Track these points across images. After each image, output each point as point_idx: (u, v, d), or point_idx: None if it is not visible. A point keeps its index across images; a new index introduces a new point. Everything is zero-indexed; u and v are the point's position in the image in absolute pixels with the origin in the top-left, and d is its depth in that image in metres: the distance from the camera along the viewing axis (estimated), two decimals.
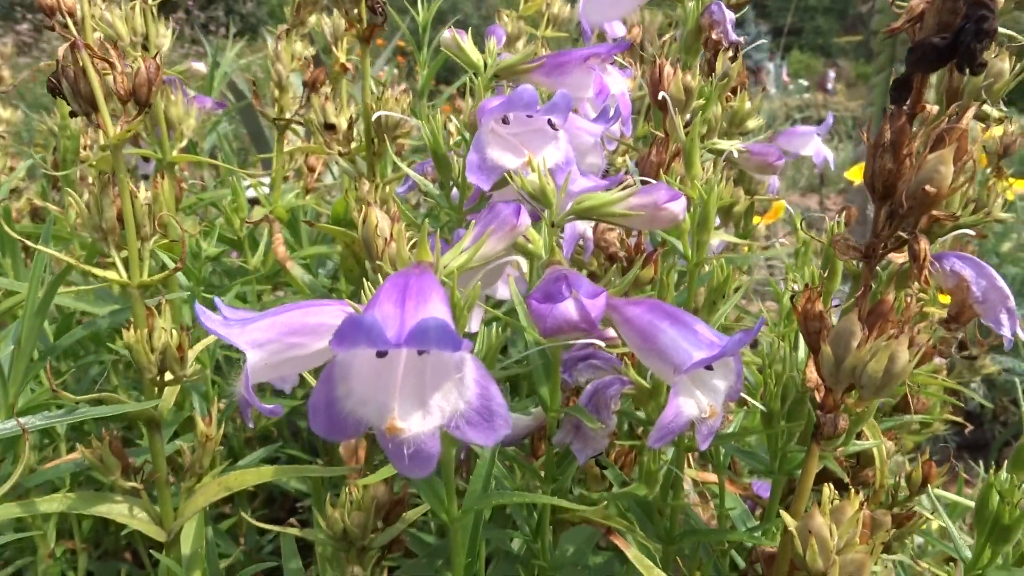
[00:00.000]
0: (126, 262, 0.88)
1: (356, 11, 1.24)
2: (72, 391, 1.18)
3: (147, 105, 0.87)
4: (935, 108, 0.52)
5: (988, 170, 1.60)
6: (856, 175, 4.17)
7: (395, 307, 0.47)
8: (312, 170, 2.26)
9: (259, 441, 1.67)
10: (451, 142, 1.92)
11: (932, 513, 0.88)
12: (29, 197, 1.37)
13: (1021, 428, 2.85)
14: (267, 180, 2.05)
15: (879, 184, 0.54)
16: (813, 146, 1.55)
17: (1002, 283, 0.64)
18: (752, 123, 1.14)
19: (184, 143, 1.35)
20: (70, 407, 0.78)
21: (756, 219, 1.91)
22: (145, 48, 1.29)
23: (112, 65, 0.85)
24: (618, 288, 0.66)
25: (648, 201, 0.63)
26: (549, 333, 0.56)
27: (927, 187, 0.50)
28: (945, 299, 0.76)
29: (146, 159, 1.59)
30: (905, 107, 0.53)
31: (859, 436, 0.89)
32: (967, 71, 0.49)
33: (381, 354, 0.46)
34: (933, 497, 0.84)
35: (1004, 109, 0.77)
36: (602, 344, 0.66)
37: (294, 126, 1.67)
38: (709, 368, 0.60)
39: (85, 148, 1.41)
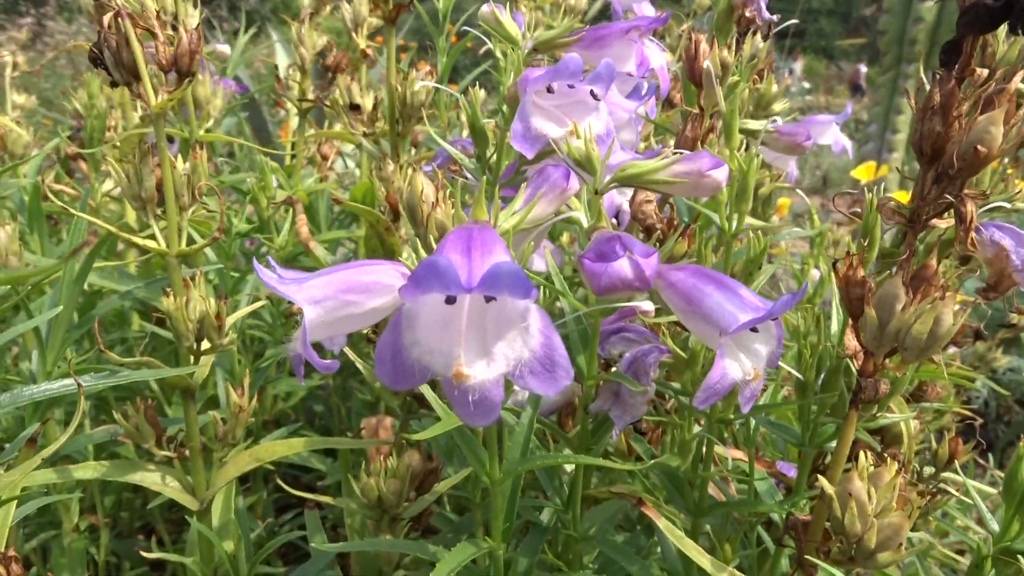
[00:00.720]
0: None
1: None
2: (97, 369, 1.19)
3: (189, 75, 0.88)
4: (984, 71, 0.53)
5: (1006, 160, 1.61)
6: (862, 174, 4.18)
7: (463, 256, 0.48)
8: (325, 158, 2.28)
9: (274, 424, 1.68)
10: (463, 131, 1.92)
11: (958, 490, 0.90)
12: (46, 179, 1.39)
13: None
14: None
15: (927, 147, 0.55)
16: (832, 135, 1.55)
17: None
18: (778, 106, 1.15)
19: (211, 123, 1.36)
20: (114, 369, 0.79)
21: (782, 201, 1.92)
22: (174, 28, 1.29)
23: (154, 35, 0.87)
24: (660, 256, 0.67)
25: (692, 168, 0.64)
26: (604, 291, 0.57)
27: (979, 147, 0.51)
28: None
29: (170, 139, 1.60)
30: (954, 71, 0.54)
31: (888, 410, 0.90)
32: (1020, 31, 0.50)
33: (450, 300, 0.47)
34: (960, 472, 0.85)
35: None
36: (651, 309, 0.68)
37: (309, 117, 1.69)
38: (754, 331, 0.61)
39: (111, 129, 1.42)
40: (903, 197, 2.56)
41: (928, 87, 0.56)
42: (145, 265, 1.48)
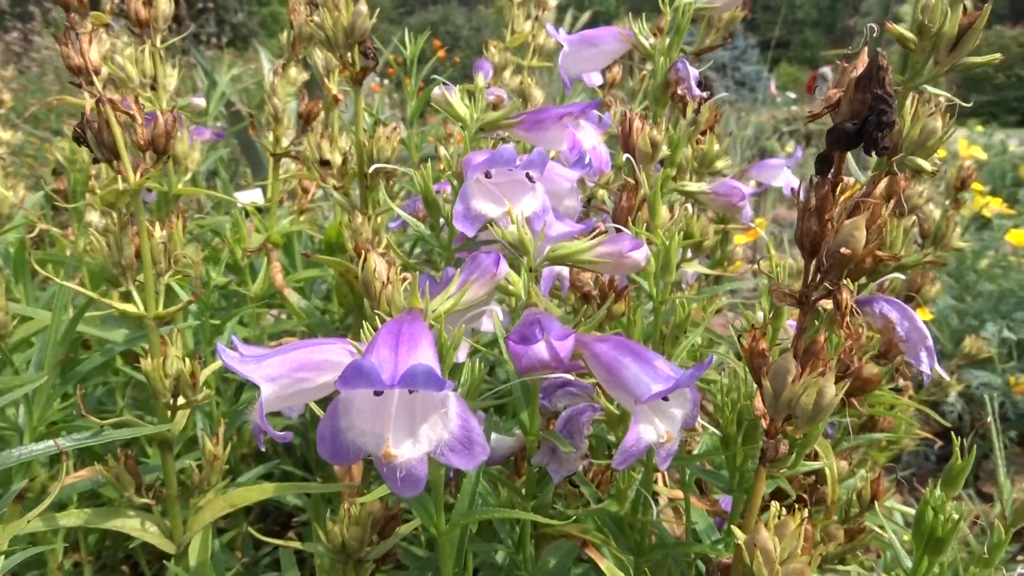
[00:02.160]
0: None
1: (350, 55, 1.32)
2: (83, 420, 1.25)
3: (164, 153, 0.95)
4: (850, 179, 0.61)
5: (947, 201, 1.71)
6: None
7: (390, 351, 0.55)
8: (306, 191, 2.35)
9: (253, 456, 1.74)
10: (440, 168, 2.00)
11: (880, 528, 0.97)
12: (36, 224, 1.45)
13: (993, 441, 2.95)
14: (258, 195, 2.14)
15: (807, 242, 0.63)
16: (784, 178, 1.65)
17: (922, 324, 0.73)
18: (720, 163, 1.23)
19: (188, 176, 1.43)
20: (96, 430, 0.86)
21: (738, 238, 2.01)
22: (153, 88, 1.37)
23: (133, 118, 0.94)
24: (589, 325, 0.74)
25: (614, 250, 0.72)
26: (524, 371, 0.64)
27: (843, 249, 0.59)
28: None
29: (148, 189, 1.67)
30: (828, 177, 0.62)
31: (815, 458, 0.97)
32: (872, 152, 0.58)
33: (378, 393, 0.54)
34: (879, 513, 0.93)
35: (938, 163, 0.86)
36: (571, 377, 0.75)
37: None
38: (666, 399, 0.69)
39: (93, 178, 1.49)
40: None
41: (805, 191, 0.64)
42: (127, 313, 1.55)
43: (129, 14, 1.31)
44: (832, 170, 0.61)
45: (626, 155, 0.86)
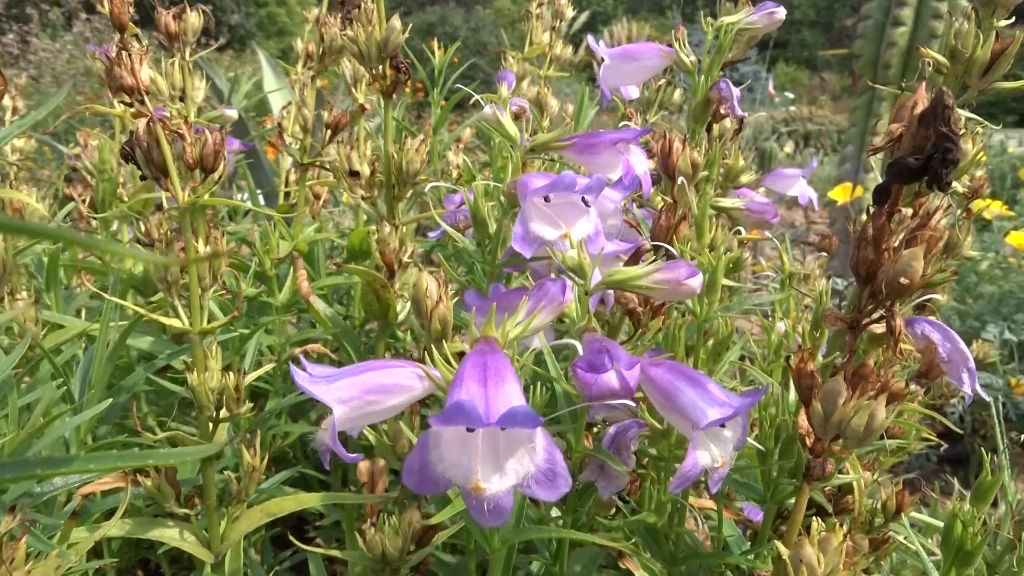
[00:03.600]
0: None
1: (380, 68, 1.34)
2: (123, 432, 1.27)
3: (213, 171, 0.97)
4: (908, 211, 0.63)
5: (959, 212, 1.74)
6: (839, 195, 4.33)
7: (480, 387, 0.57)
8: (317, 197, 2.37)
9: (273, 461, 1.76)
10: (454, 177, 2.01)
11: (905, 538, 1.00)
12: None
13: (997, 443, 3.00)
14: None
15: (862, 270, 0.66)
16: (799, 188, 1.67)
17: (963, 346, 0.76)
18: (745, 178, 1.26)
19: (215, 187, 1.44)
20: (150, 450, 0.88)
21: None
22: (182, 100, 1.38)
23: (182, 136, 0.95)
24: (640, 348, 0.77)
25: (671, 277, 0.74)
26: (593, 398, 0.67)
27: (902, 279, 0.62)
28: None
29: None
30: (885, 208, 0.65)
31: (841, 470, 1.00)
32: (935, 188, 0.60)
33: (470, 429, 0.56)
34: (907, 523, 0.96)
35: (968, 184, 0.88)
36: (634, 406, 0.77)
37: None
38: (722, 425, 0.71)
39: (122, 186, 1.50)
40: None
41: (861, 219, 0.66)
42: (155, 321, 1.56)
43: (159, 27, 1.32)
44: (890, 202, 0.64)
45: (670, 171, 0.89)
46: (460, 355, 0.70)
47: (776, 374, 1.15)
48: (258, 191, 2.33)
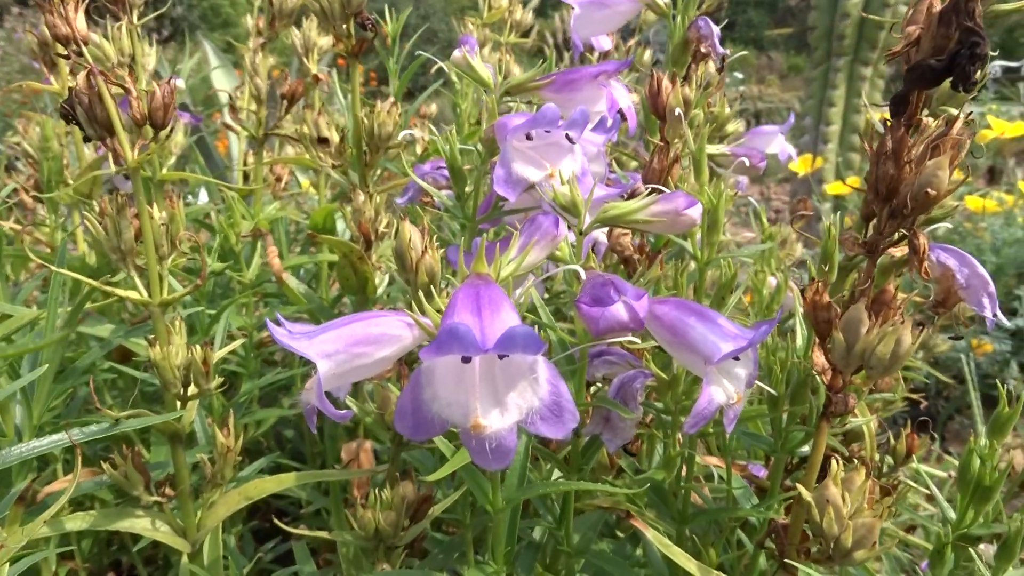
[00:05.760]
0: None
1: (345, 27, 1.26)
2: (79, 418, 1.18)
3: (163, 127, 0.89)
4: (931, 120, 0.59)
5: None
6: (800, 166, 4.33)
7: (474, 317, 0.51)
8: (279, 180, 2.28)
9: (246, 452, 1.68)
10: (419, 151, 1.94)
11: (915, 480, 0.97)
12: (18, 219, 1.36)
13: (962, 403, 3.04)
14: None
15: (883, 187, 0.61)
16: (777, 144, 1.63)
17: (983, 270, 0.72)
18: (731, 127, 1.21)
19: (172, 160, 1.35)
20: (110, 421, 0.80)
21: None
22: (131, 68, 1.29)
23: (127, 90, 0.87)
24: (645, 286, 0.71)
25: (669, 208, 0.69)
26: (601, 333, 0.61)
27: (928, 190, 0.57)
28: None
29: (126, 176, 1.59)
30: (902, 120, 0.60)
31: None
32: (960, 88, 0.56)
33: (466, 359, 0.50)
34: (918, 465, 0.92)
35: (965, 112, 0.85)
36: (638, 341, 0.72)
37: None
38: (736, 359, 0.66)
39: (67, 168, 1.40)
40: (838, 187, 2.70)
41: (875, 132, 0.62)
42: (108, 307, 1.47)
43: None
44: (908, 112, 0.59)
45: (661, 107, 0.83)
46: None
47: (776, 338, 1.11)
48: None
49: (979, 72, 0.55)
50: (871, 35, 4.54)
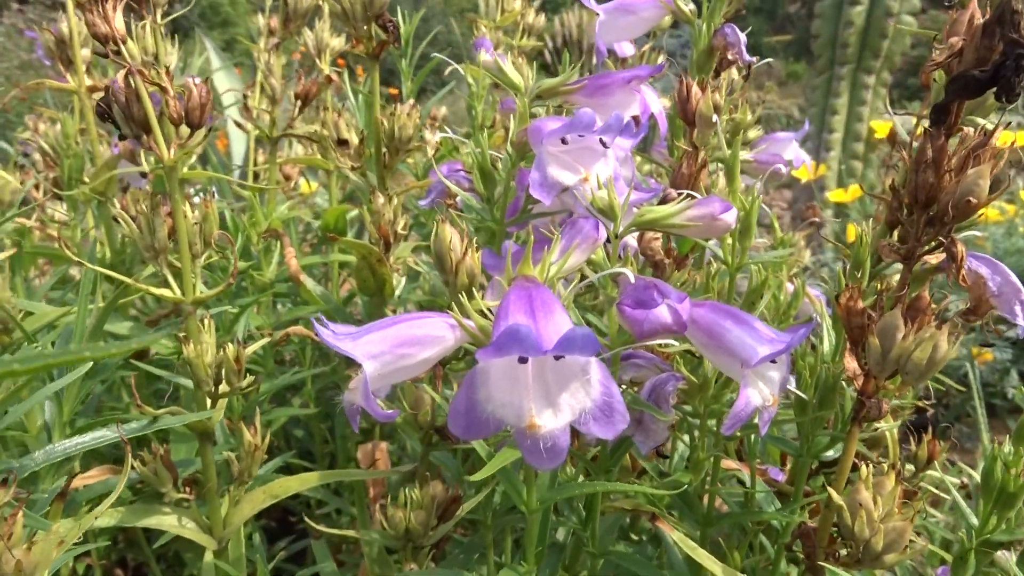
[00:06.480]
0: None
1: (366, 28, 1.27)
2: (103, 417, 1.19)
3: (199, 127, 0.90)
4: (971, 130, 0.60)
5: None
6: (802, 173, 4.36)
7: (528, 318, 0.52)
8: (288, 179, 2.28)
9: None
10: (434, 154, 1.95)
11: (938, 486, 0.98)
12: (40, 217, 1.36)
13: (962, 411, 3.07)
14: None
15: (922, 195, 0.62)
16: (792, 151, 1.64)
17: (1015, 279, 0.73)
18: (752, 133, 1.23)
19: (193, 159, 1.36)
20: (149, 418, 0.81)
21: None
22: (154, 65, 1.29)
23: (164, 90, 0.88)
24: (684, 289, 0.72)
25: (705, 212, 0.70)
26: (645, 336, 0.62)
27: (969, 198, 0.58)
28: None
29: (143, 175, 1.59)
30: (943, 129, 0.61)
31: None
32: (1004, 99, 0.57)
33: (523, 360, 0.51)
34: (939, 470, 0.93)
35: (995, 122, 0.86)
36: (675, 344, 0.73)
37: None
38: (773, 362, 0.67)
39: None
40: (840, 195, 2.71)
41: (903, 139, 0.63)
42: (123, 307, 1.47)
43: None
44: (949, 122, 0.60)
45: (692, 111, 0.84)
46: (489, 311, 0.65)
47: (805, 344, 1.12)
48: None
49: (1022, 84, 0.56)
50: (874, 44, 4.56)
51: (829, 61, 4.74)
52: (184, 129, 0.91)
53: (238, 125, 1.84)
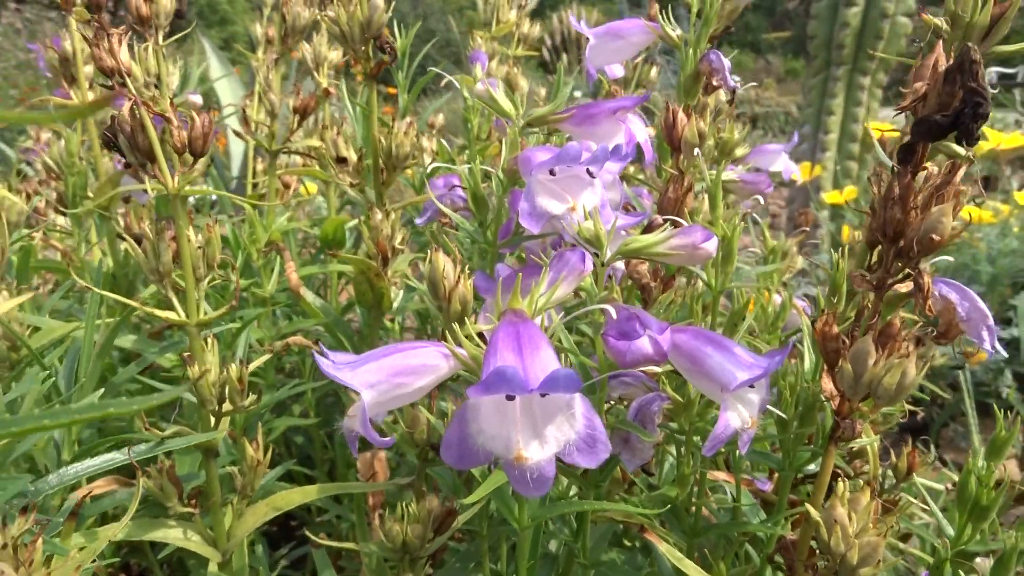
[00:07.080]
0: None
1: (364, 48, 1.30)
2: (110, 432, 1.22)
3: (202, 156, 0.93)
4: (935, 169, 0.63)
5: None
6: (802, 172, 4.38)
7: (516, 356, 0.55)
8: (287, 187, 2.31)
9: None
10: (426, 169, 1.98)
11: (917, 497, 1.01)
12: (45, 231, 1.40)
13: (956, 410, 3.10)
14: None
15: (890, 230, 0.65)
16: (782, 163, 1.68)
17: (982, 304, 0.77)
18: (739, 151, 1.26)
19: (195, 175, 1.39)
20: (156, 439, 0.84)
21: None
22: (156, 87, 1.32)
23: (168, 120, 0.91)
24: (667, 316, 0.76)
25: (687, 242, 0.73)
26: (628, 366, 0.66)
27: (932, 235, 0.62)
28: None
29: (145, 191, 1.62)
30: (909, 168, 0.64)
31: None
32: (964, 143, 0.60)
33: (510, 397, 0.54)
34: (918, 483, 0.97)
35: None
36: (659, 371, 0.76)
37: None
38: (751, 386, 0.71)
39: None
40: (835, 196, 2.75)
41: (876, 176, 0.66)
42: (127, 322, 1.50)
43: (130, 10, 1.26)
44: (915, 161, 0.64)
45: (677, 137, 0.88)
46: (480, 336, 0.69)
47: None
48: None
49: (979, 129, 0.59)
50: (870, 45, 4.59)
51: (825, 62, 4.76)
52: (187, 156, 0.94)
53: (237, 135, 1.87)
